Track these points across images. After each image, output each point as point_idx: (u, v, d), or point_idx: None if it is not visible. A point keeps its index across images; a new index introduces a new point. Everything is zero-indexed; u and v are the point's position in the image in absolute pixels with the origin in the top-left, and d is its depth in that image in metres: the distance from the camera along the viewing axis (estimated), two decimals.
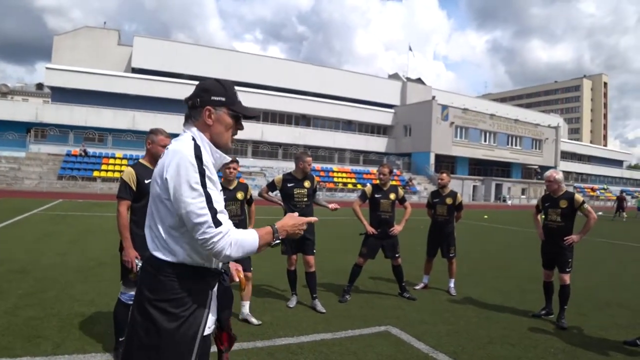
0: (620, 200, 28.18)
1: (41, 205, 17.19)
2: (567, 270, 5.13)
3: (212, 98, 1.81)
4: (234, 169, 4.62)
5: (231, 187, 4.63)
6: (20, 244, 8.56)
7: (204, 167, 1.70)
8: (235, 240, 1.67)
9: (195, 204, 1.64)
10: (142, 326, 1.73)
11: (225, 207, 1.80)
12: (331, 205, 5.41)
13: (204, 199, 1.65)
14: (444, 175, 6.56)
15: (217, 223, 1.65)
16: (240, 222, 4.63)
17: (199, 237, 1.64)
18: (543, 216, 5.46)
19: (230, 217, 1.97)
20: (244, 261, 4.76)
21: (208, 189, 1.68)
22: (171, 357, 1.72)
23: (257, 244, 1.73)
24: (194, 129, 1.81)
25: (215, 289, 1.89)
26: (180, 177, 1.65)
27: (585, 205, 5.13)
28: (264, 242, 1.75)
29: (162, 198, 1.72)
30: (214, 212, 1.66)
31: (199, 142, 1.77)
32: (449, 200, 6.45)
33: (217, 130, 1.83)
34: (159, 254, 1.76)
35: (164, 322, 1.71)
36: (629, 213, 30.26)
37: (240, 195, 4.67)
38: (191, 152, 1.70)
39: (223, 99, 1.83)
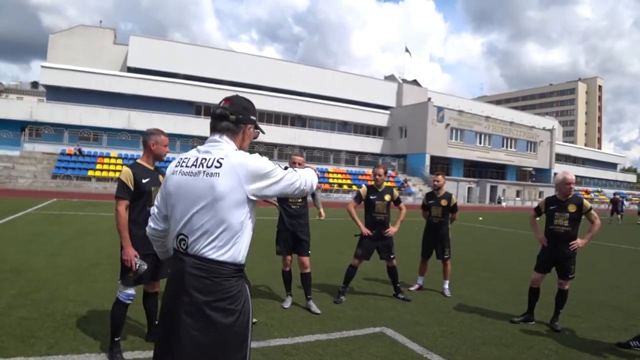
0: (614, 202, 28.31)
1: (35, 205, 17.10)
2: (570, 276, 5.04)
3: (251, 117, 2.11)
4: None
5: None
6: (13, 243, 8.51)
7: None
8: (306, 173, 2.10)
9: (284, 174, 1.99)
10: (197, 327, 1.86)
11: None
12: (318, 217, 5.54)
13: (280, 167, 2.02)
14: (440, 177, 6.55)
15: (292, 172, 2.03)
16: None
17: (300, 187, 2.03)
18: (537, 219, 5.43)
19: None
20: None
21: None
22: (232, 347, 1.90)
23: (313, 172, 2.18)
24: (231, 142, 2.04)
25: None
26: (263, 166, 1.94)
27: (592, 211, 5.09)
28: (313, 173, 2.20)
29: (236, 202, 1.90)
30: (286, 168, 2.05)
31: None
32: (443, 202, 6.46)
33: (245, 145, 2.12)
34: (216, 256, 1.89)
35: (222, 319, 1.87)
36: (631, 217, 30.47)
37: None
38: (250, 155, 1.97)
39: (255, 118, 2.14)
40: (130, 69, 41.88)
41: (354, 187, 39.05)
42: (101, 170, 32.59)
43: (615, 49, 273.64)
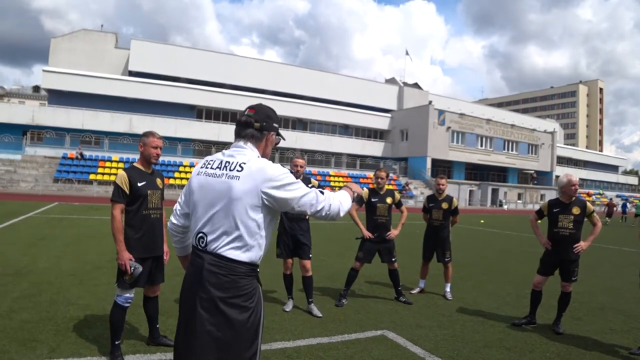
0: (610, 206, 28.82)
1: (37, 208, 17.12)
2: (573, 279, 5.02)
3: (274, 125, 2.20)
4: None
5: None
6: (15, 247, 8.53)
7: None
8: (339, 198, 2.13)
9: (303, 190, 2.04)
10: (212, 322, 1.95)
11: None
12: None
13: (302, 183, 2.07)
14: (444, 180, 6.55)
15: (322, 193, 2.08)
16: None
17: (317, 207, 2.05)
18: (539, 221, 5.42)
19: None
20: None
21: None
22: (245, 343, 1.99)
23: (349, 198, 2.21)
24: (255, 149, 2.14)
25: None
26: (281, 176, 2.00)
27: (595, 214, 5.10)
28: (350, 196, 2.24)
29: (252, 205, 1.99)
30: (314, 189, 2.09)
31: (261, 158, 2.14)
32: (444, 205, 6.45)
33: (268, 151, 2.21)
34: (233, 255, 1.99)
35: (237, 315, 1.97)
36: (628, 219, 30.58)
37: None
38: (272, 163, 2.06)
39: (277, 126, 2.23)
40: (132, 73, 41.96)
41: None
42: (103, 174, 32.59)
43: (617, 51, 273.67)
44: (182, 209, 2.30)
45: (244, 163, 2.02)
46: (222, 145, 39.94)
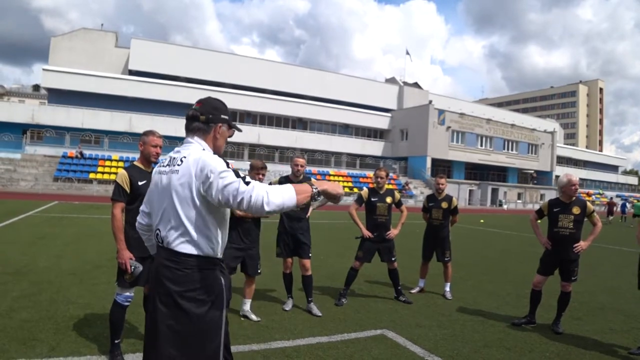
0: (610, 205, 29.19)
1: (37, 207, 17.12)
2: (573, 279, 5.02)
3: (222, 116, 2.17)
4: (263, 175, 4.85)
5: None
6: (15, 246, 8.53)
7: (227, 163, 2.03)
8: (270, 188, 1.90)
9: (228, 177, 1.91)
10: (171, 316, 1.97)
11: None
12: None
13: (232, 173, 1.94)
14: (443, 179, 6.55)
15: (247, 183, 1.91)
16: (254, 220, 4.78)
17: (238, 198, 1.88)
18: (539, 221, 5.42)
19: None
20: (250, 267, 4.79)
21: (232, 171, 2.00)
22: (205, 337, 2.00)
23: (294, 192, 1.94)
24: (202, 141, 2.13)
25: None
26: (212, 165, 1.95)
27: (595, 213, 5.09)
28: (302, 192, 1.96)
29: (193, 200, 1.99)
30: (242, 178, 1.94)
31: (207, 150, 2.11)
32: (444, 205, 6.45)
33: (220, 143, 2.19)
34: (183, 249, 2.00)
35: (195, 308, 1.97)
36: (627, 219, 30.76)
37: None
38: (211, 154, 2.04)
39: (227, 117, 2.20)
40: (132, 72, 41.99)
41: (355, 190, 39.02)
42: (102, 173, 32.61)
43: (617, 51, 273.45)
44: (145, 207, 2.35)
45: (184, 157, 2.04)
46: None
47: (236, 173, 1.95)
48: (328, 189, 2.05)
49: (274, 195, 1.88)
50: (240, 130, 2.32)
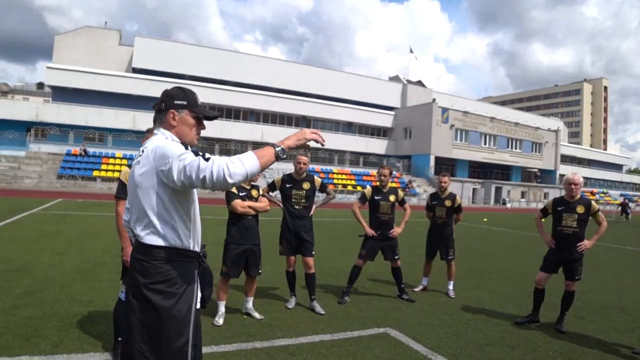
0: (623, 205, 29.20)
1: (40, 205, 17.18)
2: (577, 278, 5.00)
3: (175, 102, 2.11)
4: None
5: (248, 187, 4.77)
6: (19, 243, 8.55)
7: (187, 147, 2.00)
8: (230, 159, 1.81)
9: (187, 157, 1.85)
10: (140, 309, 1.95)
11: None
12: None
13: (191, 153, 1.89)
14: (446, 178, 6.53)
15: (207, 160, 1.83)
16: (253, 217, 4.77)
17: (200, 175, 1.79)
18: (544, 220, 5.39)
19: None
20: (252, 268, 4.78)
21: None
22: (172, 331, 1.95)
23: (255, 157, 1.85)
24: (165, 131, 2.10)
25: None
26: (170, 150, 1.90)
27: (600, 212, 5.07)
28: (264, 156, 1.88)
29: (154, 189, 1.96)
30: (201, 155, 1.87)
31: (172, 139, 2.07)
32: (447, 203, 6.43)
33: (182, 130, 2.13)
34: (149, 241, 1.98)
35: (161, 301, 1.94)
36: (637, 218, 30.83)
37: (255, 193, 4.82)
38: (168, 141, 2.01)
39: (184, 102, 2.13)
40: (136, 70, 42.06)
41: (359, 188, 39.01)
42: (106, 170, 32.71)
43: (622, 49, 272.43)
44: (127, 203, 2.30)
45: (146, 147, 2.04)
46: (226, 142, 39.99)
47: (195, 152, 1.90)
48: (292, 143, 2.00)
49: (235, 166, 1.79)
50: (210, 116, 2.18)
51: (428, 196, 6.87)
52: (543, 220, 5.38)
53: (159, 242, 1.98)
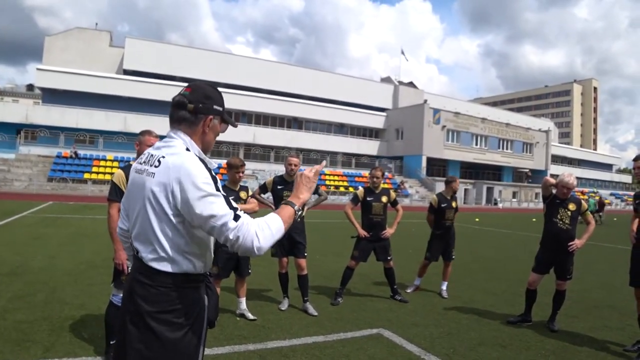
0: (601, 204, 28.99)
1: (31, 208, 17.03)
2: (568, 277, 5.05)
3: (214, 107, 1.79)
4: (243, 172, 4.78)
5: (236, 188, 4.83)
6: (9, 246, 8.47)
7: (212, 172, 1.68)
8: (260, 226, 1.60)
9: (215, 206, 1.59)
10: (141, 339, 1.67)
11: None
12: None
13: (222, 200, 1.61)
14: (457, 180, 6.61)
15: (237, 217, 1.59)
16: None
17: (223, 235, 1.58)
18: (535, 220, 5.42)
19: None
20: (242, 268, 4.79)
21: (222, 192, 1.65)
22: None
23: (282, 223, 1.68)
24: (187, 137, 1.76)
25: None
26: (195, 180, 1.60)
27: (589, 212, 5.15)
28: (288, 220, 1.71)
29: (168, 214, 1.65)
30: (233, 209, 1.61)
31: (194, 152, 1.74)
32: (454, 204, 6.53)
33: (209, 139, 1.82)
34: (157, 266, 1.69)
35: (168, 332, 1.67)
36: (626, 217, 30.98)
37: (243, 195, 4.85)
38: (195, 161, 1.66)
39: (221, 109, 1.82)
40: (127, 72, 41.82)
41: (351, 189, 39.05)
42: (97, 173, 32.48)
43: (612, 50, 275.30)
44: (124, 209, 1.96)
45: (163, 157, 1.69)
46: (217, 145, 39.86)
47: (226, 198, 1.63)
48: (306, 196, 1.84)
49: (265, 238, 1.60)
50: (235, 126, 1.91)
51: (435, 200, 6.53)
52: (534, 220, 5.41)
53: (169, 269, 1.68)
